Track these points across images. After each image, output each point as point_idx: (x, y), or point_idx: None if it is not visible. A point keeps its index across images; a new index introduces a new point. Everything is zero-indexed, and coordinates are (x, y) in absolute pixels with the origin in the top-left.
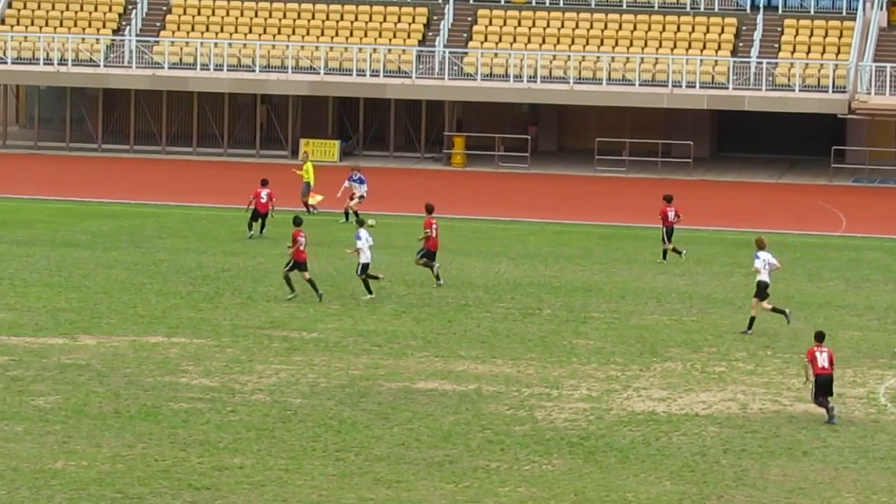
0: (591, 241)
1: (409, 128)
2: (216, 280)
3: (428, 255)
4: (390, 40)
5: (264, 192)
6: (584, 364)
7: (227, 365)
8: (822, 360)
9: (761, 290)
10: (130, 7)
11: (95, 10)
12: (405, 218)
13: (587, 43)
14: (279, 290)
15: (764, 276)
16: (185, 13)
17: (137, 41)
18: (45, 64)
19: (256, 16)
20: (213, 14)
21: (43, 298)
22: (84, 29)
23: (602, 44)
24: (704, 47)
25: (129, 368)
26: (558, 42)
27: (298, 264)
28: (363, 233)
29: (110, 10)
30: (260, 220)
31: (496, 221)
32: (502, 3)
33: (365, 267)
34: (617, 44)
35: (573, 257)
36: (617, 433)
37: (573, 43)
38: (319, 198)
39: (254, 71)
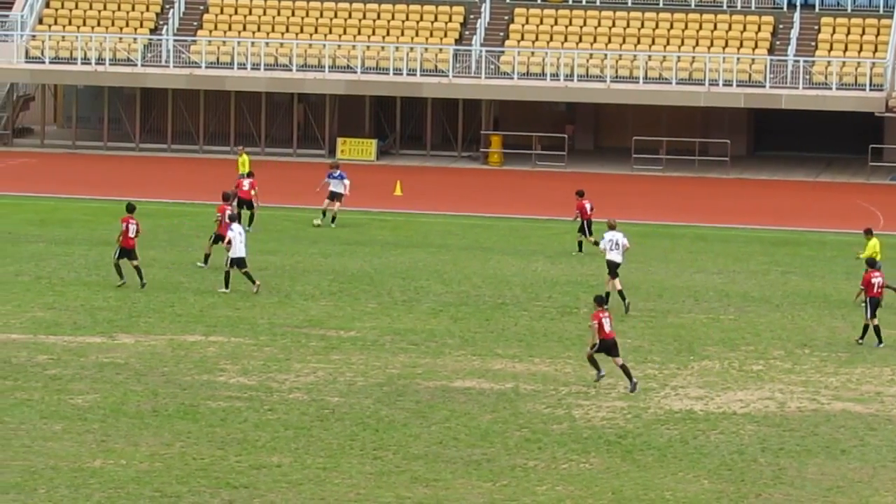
0: (629, 239)
1: (446, 127)
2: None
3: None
4: (427, 39)
5: (246, 182)
6: None
7: (264, 363)
8: (608, 325)
9: (613, 269)
10: (168, 6)
11: (133, 9)
12: (442, 217)
13: (624, 41)
14: (316, 289)
15: (614, 256)
16: (222, 12)
17: (175, 40)
18: (82, 63)
19: (293, 15)
20: (250, 13)
21: (81, 297)
22: (122, 28)
23: (639, 42)
24: (741, 46)
25: (167, 367)
26: (595, 41)
27: (126, 251)
28: (236, 226)
29: (147, 9)
30: (249, 213)
31: (533, 220)
32: (539, 1)
33: (234, 261)
34: (654, 42)
35: None
36: (654, 432)
37: (610, 41)
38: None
39: (291, 70)
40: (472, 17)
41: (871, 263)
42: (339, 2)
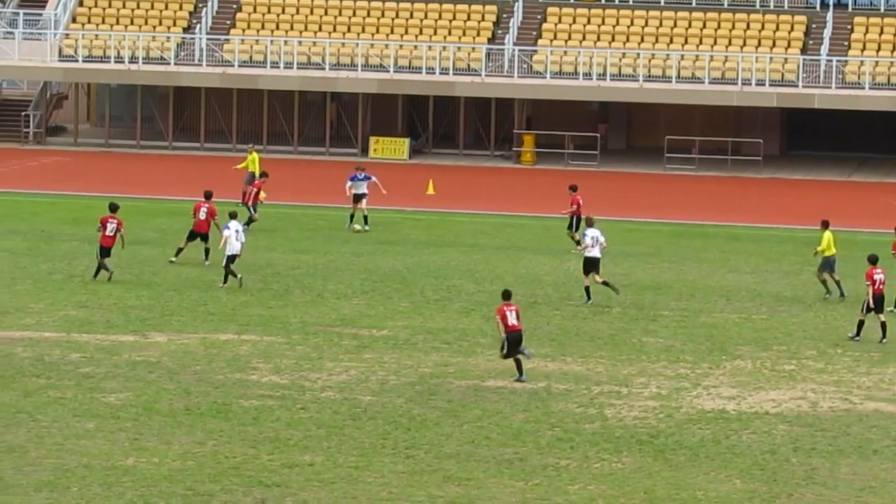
0: (661, 239)
1: (479, 126)
2: (286, 277)
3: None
4: (460, 38)
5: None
6: (653, 362)
7: (297, 362)
8: (512, 318)
9: (593, 265)
10: (201, 5)
11: (166, 8)
12: (475, 216)
13: (657, 41)
14: (348, 288)
15: (594, 253)
16: (255, 11)
17: (208, 39)
18: (115, 62)
19: (326, 14)
20: (283, 12)
21: (114, 296)
22: (155, 27)
23: (672, 41)
24: (774, 45)
25: (200, 366)
26: (628, 40)
27: (103, 249)
28: (233, 224)
29: (181, 8)
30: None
31: (565, 219)
32: (572, 1)
33: (230, 258)
34: (686, 41)
35: (642, 255)
36: (687, 431)
37: (643, 41)
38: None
39: (323, 69)
40: (504, 16)
41: (873, 260)
42: (373, 0)
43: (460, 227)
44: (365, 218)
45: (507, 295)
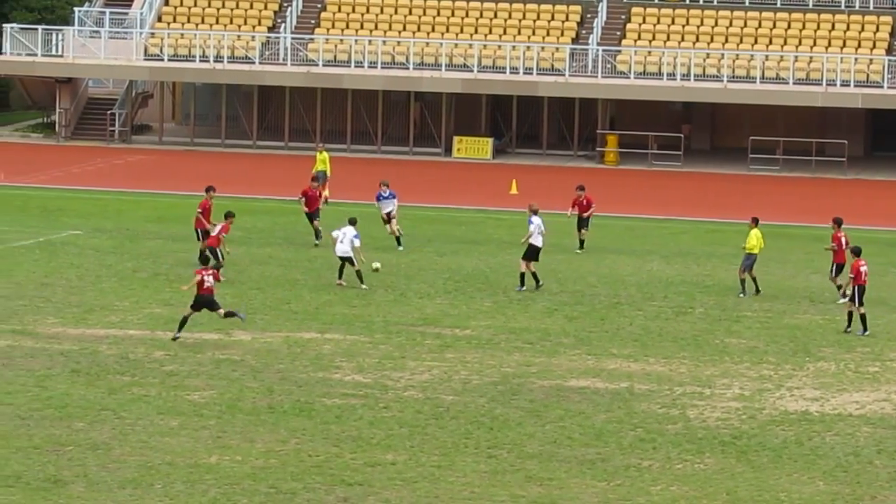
0: (738, 239)
1: (562, 126)
2: (369, 276)
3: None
4: (544, 38)
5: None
6: (736, 363)
7: (379, 361)
8: (208, 281)
9: (534, 253)
10: (286, 4)
11: (251, 7)
12: (557, 216)
13: (741, 41)
14: (431, 287)
15: (538, 241)
16: (339, 10)
17: (292, 38)
18: (200, 61)
19: (410, 13)
20: (368, 11)
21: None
22: (239, 26)
23: (756, 42)
24: (859, 46)
25: (283, 364)
26: (712, 40)
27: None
28: (347, 230)
29: (265, 7)
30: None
31: (649, 220)
32: (656, 1)
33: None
34: (771, 42)
35: (726, 256)
36: (769, 433)
37: (727, 41)
38: (325, 193)
39: (407, 68)
40: (588, 16)
41: (857, 252)
42: (457, 0)
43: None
44: (398, 239)
45: (205, 259)
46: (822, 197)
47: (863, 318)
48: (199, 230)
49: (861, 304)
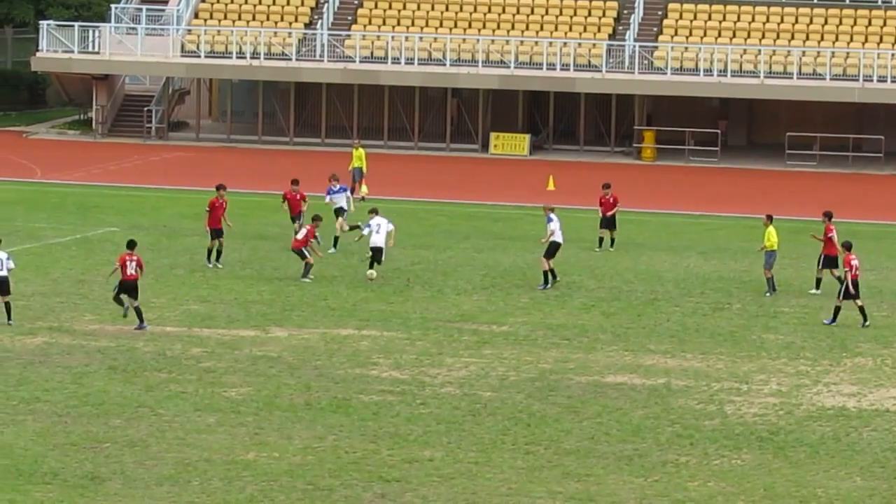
0: (781, 235)
1: (599, 122)
2: (406, 273)
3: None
4: (580, 34)
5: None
6: (773, 359)
7: (417, 358)
8: (130, 268)
9: (555, 250)
10: (322, 1)
11: (287, 3)
12: (594, 212)
13: (778, 37)
14: (469, 283)
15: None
16: (376, 7)
17: (329, 35)
18: (237, 58)
19: (447, 9)
20: (405, 8)
21: (235, 291)
22: (276, 23)
23: (793, 38)
24: None
25: (320, 361)
26: (749, 36)
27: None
28: (373, 221)
29: (302, 3)
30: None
31: (686, 215)
32: None
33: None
34: (808, 38)
35: (763, 252)
36: (807, 428)
37: (764, 37)
38: (365, 189)
39: (444, 65)
40: (625, 11)
41: (848, 246)
42: None
43: (580, 223)
44: (336, 239)
45: (132, 244)
46: (858, 193)
47: (861, 309)
48: (212, 229)
49: (857, 296)
